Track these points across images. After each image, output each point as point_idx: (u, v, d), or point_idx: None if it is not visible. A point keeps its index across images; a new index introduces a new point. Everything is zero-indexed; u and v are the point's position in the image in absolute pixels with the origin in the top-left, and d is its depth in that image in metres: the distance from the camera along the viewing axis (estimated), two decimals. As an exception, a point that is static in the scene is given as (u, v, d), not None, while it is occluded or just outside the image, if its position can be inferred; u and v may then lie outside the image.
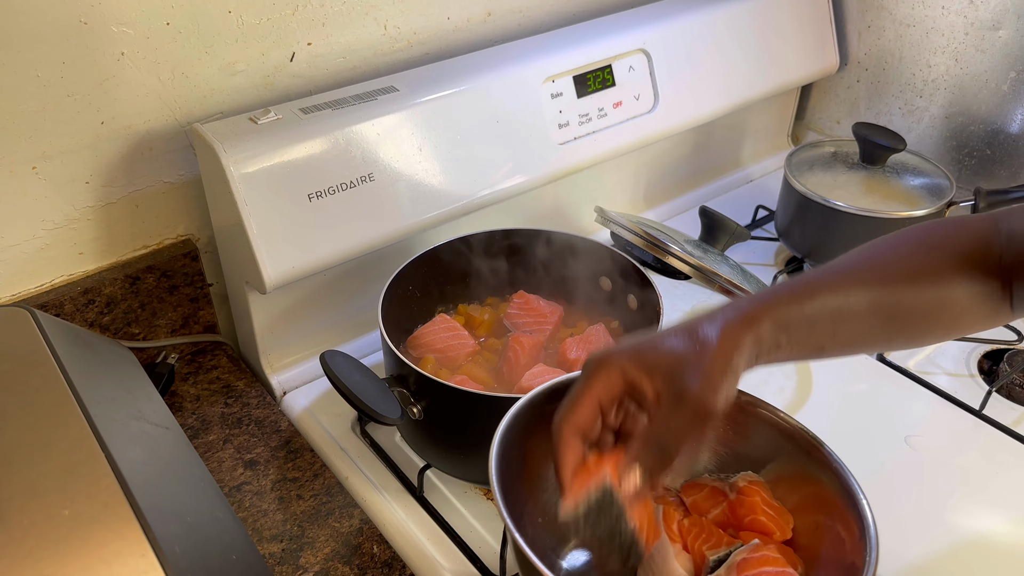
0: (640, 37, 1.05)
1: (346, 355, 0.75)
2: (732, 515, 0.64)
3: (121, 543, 0.41)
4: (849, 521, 0.58)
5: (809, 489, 0.62)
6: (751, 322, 0.54)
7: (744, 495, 0.64)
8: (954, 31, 1.15)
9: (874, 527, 0.56)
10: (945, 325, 0.63)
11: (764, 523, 0.62)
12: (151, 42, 0.81)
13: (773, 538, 0.62)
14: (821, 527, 0.61)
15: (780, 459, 0.64)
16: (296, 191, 0.82)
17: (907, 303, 0.60)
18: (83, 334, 0.61)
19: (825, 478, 0.61)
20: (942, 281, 0.61)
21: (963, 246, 0.62)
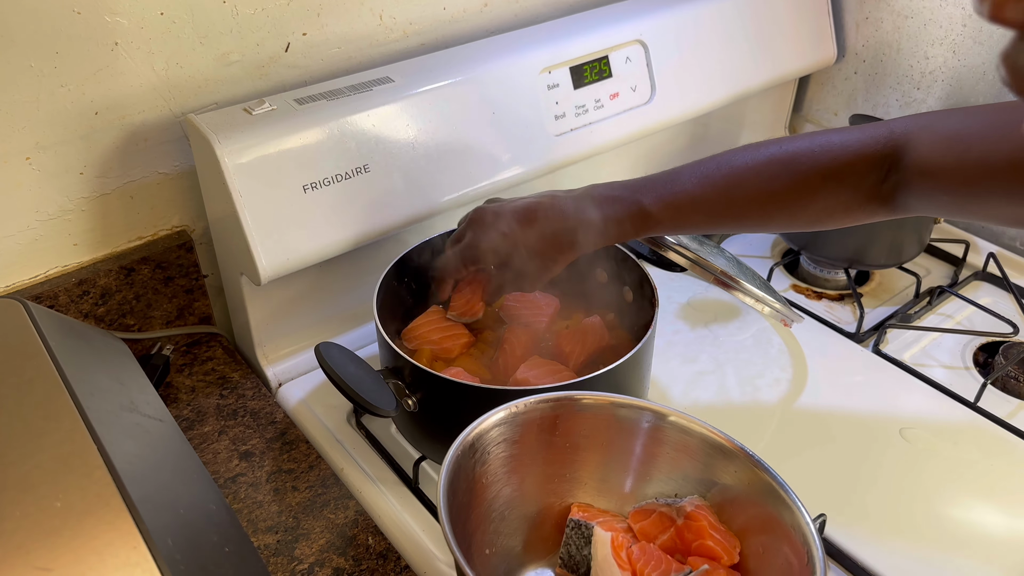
0: (637, 28, 1.05)
1: (341, 347, 0.75)
2: (680, 540, 0.64)
3: (113, 535, 0.41)
4: (795, 543, 0.57)
5: (755, 511, 0.62)
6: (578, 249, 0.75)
7: (691, 519, 0.63)
8: (952, 22, 1.15)
9: (821, 550, 0.55)
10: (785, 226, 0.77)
11: (711, 547, 0.61)
12: (145, 32, 0.81)
13: (721, 562, 0.61)
14: (768, 549, 0.60)
15: (724, 481, 0.64)
16: (291, 182, 0.82)
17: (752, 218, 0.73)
18: (76, 325, 0.61)
19: (769, 499, 0.61)
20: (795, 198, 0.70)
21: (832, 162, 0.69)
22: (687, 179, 0.73)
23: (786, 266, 1.12)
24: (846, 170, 0.67)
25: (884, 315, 1.02)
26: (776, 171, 0.69)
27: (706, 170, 0.73)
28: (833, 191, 0.68)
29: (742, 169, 0.70)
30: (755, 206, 0.71)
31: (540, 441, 0.66)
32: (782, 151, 0.70)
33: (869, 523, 0.76)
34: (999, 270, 1.07)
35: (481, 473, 0.63)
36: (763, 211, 0.71)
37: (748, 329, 0.99)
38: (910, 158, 0.66)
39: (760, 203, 0.71)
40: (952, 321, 1.02)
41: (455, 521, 0.55)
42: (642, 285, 0.85)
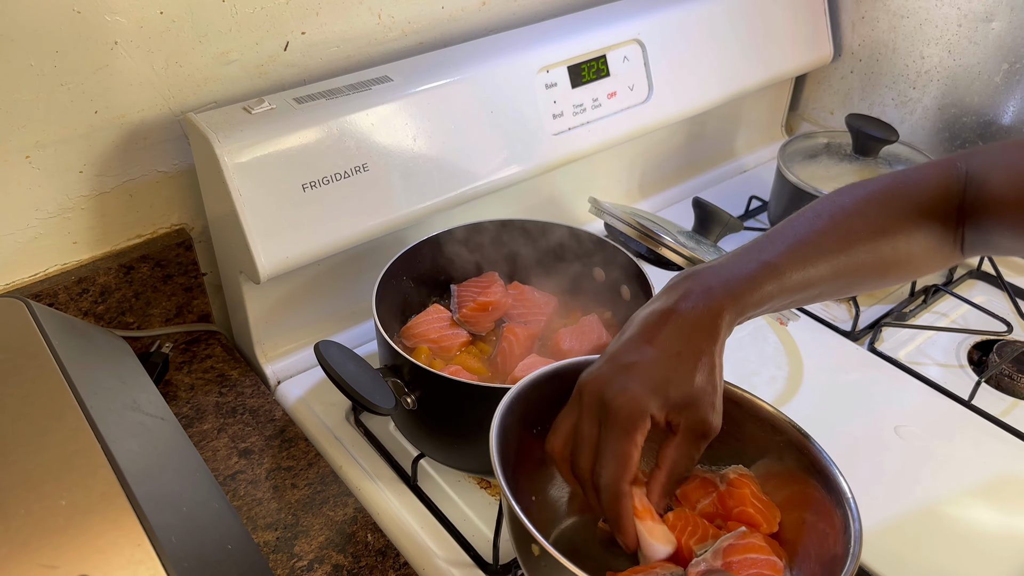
0: (634, 27, 1.05)
1: (340, 345, 0.75)
2: (721, 506, 0.65)
3: (118, 533, 0.42)
4: (833, 518, 0.58)
5: (797, 487, 0.63)
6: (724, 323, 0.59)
7: (734, 487, 0.64)
8: (947, 23, 1.15)
9: (859, 521, 0.56)
10: (899, 277, 0.69)
11: (752, 515, 0.62)
12: (144, 31, 0.81)
13: (760, 530, 0.62)
14: (806, 524, 0.61)
15: (770, 455, 0.65)
16: (290, 181, 0.82)
17: (868, 264, 0.65)
18: (78, 324, 0.61)
19: (813, 477, 0.61)
20: (901, 236, 0.66)
21: (923, 198, 0.67)
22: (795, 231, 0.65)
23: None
24: (937, 203, 0.66)
25: (879, 313, 1.03)
26: (876, 209, 0.65)
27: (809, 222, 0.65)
28: (929, 234, 0.66)
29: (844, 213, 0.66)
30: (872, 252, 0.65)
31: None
32: (873, 190, 0.67)
33: (864, 520, 0.76)
34: (993, 269, 1.07)
35: (532, 423, 0.63)
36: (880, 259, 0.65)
37: (744, 327, 1.00)
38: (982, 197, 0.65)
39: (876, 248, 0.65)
40: (947, 319, 1.02)
41: (505, 466, 0.56)
42: (639, 283, 0.85)
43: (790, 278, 0.61)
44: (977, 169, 0.66)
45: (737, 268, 0.61)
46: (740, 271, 0.61)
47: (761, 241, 0.65)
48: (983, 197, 0.65)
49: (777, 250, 0.63)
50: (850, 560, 0.54)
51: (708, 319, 0.58)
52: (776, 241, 0.64)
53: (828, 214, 0.65)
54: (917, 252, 0.66)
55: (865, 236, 0.64)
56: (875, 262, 0.65)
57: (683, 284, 0.61)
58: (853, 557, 0.54)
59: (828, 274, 0.63)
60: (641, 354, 0.57)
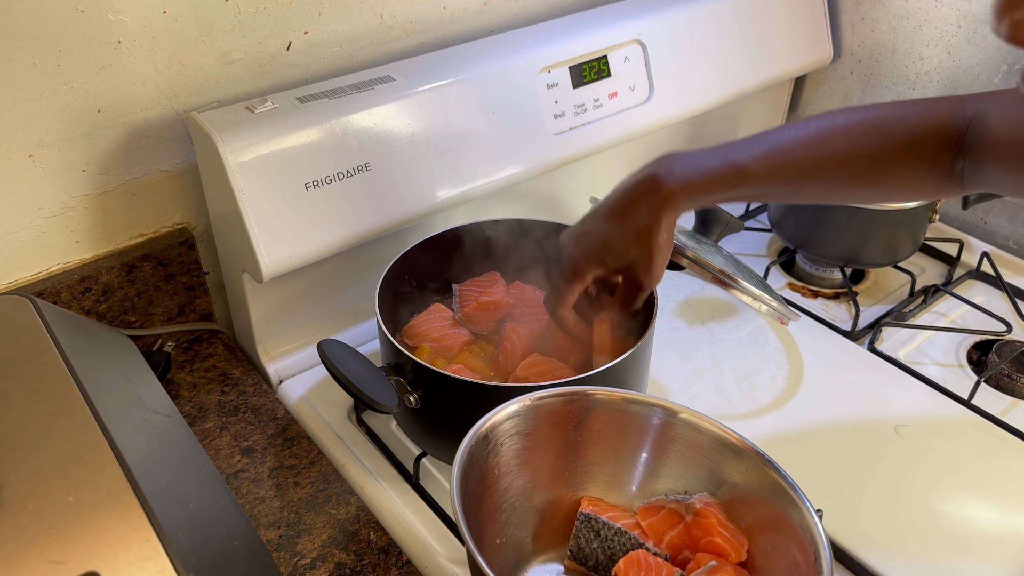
0: (635, 28, 1.05)
1: (343, 344, 0.75)
2: (689, 537, 0.65)
3: (125, 529, 0.42)
4: (803, 542, 0.58)
5: (764, 509, 0.63)
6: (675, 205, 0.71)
7: (701, 516, 0.64)
8: (947, 24, 1.16)
9: (828, 550, 0.56)
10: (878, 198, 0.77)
11: (720, 544, 0.62)
12: (148, 30, 0.81)
13: (729, 559, 0.62)
14: (776, 548, 0.61)
15: (734, 479, 0.65)
16: (293, 180, 0.82)
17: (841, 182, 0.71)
18: (83, 322, 0.62)
19: (778, 499, 0.61)
20: (885, 166, 0.69)
21: (921, 130, 0.71)
22: (776, 137, 0.71)
23: (782, 265, 1.13)
24: (931, 139, 0.68)
25: (879, 313, 1.04)
26: (866, 132, 0.69)
27: (795, 130, 0.71)
28: (917, 160, 0.68)
29: (832, 129, 0.70)
30: (845, 168, 0.70)
31: (553, 434, 0.67)
32: (870, 115, 0.70)
33: (864, 519, 0.77)
34: (992, 269, 1.08)
35: (494, 464, 0.64)
36: (852, 174, 0.70)
37: (745, 327, 1.00)
38: (981, 135, 0.67)
39: (850, 165, 0.69)
40: (946, 319, 1.03)
41: (467, 510, 0.56)
42: (641, 283, 0.86)
43: (752, 184, 0.70)
44: (982, 108, 0.68)
45: (704, 160, 0.71)
46: (705, 163, 0.71)
47: (742, 141, 0.72)
48: (982, 134, 0.67)
49: (749, 152, 0.70)
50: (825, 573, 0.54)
51: (656, 201, 0.71)
52: (754, 144, 0.71)
53: (815, 127, 0.70)
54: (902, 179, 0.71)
55: (844, 152, 0.69)
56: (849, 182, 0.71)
57: (654, 164, 0.73)
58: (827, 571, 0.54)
59: (795, 186, 0.71)
60: (594, 224, 0.75)
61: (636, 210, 0.72)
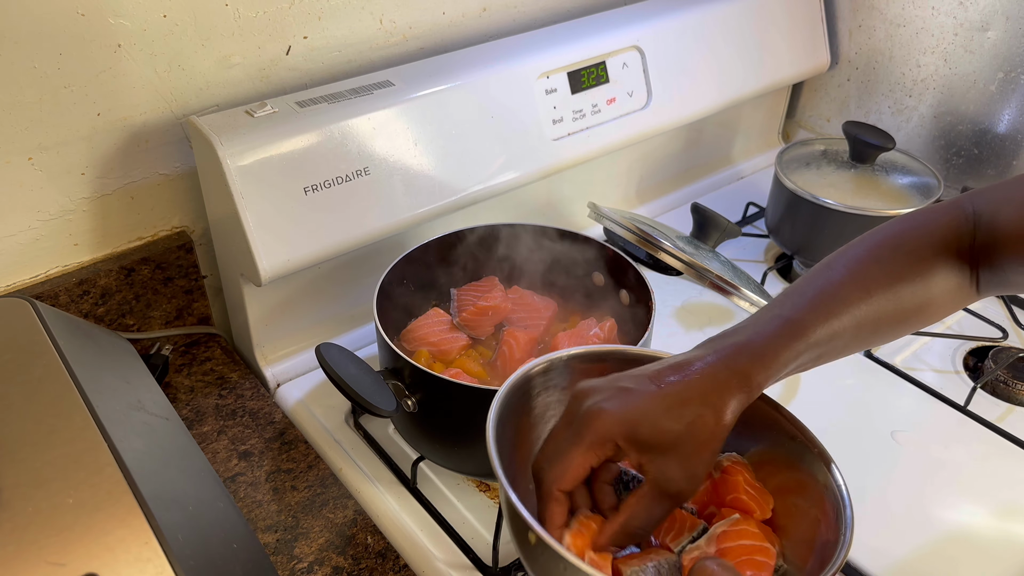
0: (634, 34, 1.06)
1: (341, 347, 0.75)
2: (715, 493, 0.65)
3: (125, 531, 0.42)
4: (825, 505, 0.59)
5: (790, 474, 0.63)
6: (746, 384, 0.55)
7: (727, 474, 0.65)
8: (944, 31, 1.16)
9: (850, 508, 0.57)
10: (921, 321, 0.67)
11: (745, 502, 0.63)
12: (148, 34, 0.82)
13: (753, 516, 0.63)
14: (799, 510, 0.62)
15: (764, 443, 0.66)
16: (292, 184, 0.82)
17: (889, 312, 0.63)
18: (83, 325, 0.62)
19: (806, 464, 0.62)
20: (919, 280, 0.65)
21: (937, 241, 0.66)
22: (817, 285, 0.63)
23: (779, 270, 1.13)
24: (951, 252, 0.65)
25: (876, 319, 1.04)
26: (890, 254, 0.65)
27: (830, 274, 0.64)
28: (946, 278, 0.65)
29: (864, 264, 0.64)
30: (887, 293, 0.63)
31: None
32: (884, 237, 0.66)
33: (861, 524, 0.77)
34: (989, 276, 1.08)
35: (527, 414, 0.64)
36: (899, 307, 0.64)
37: (742, 332, 1.00)
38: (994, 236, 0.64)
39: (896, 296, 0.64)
40: (942, 325, 1.03)
41: (502, 455, 0.56)
42: (638, 288, 0.86)
43: (815, 333, 0.59)
44: (985, 207, 0.65)
45: (762, 328, 0.59)
46: (766, 331, 0.58)
47: (780, 299, 0.63)
48: (995, 235, 0.64)
49: (798, 306, 0.61)
50: (842, 547, 0.55)
51: (735, 378, 0.55)
52: (795, 297, 0.62)
53: (843, 265, 0.64)
54: (936, 295, 0.65)
55: (884, 283, 0.63)
56: (896, 309, 0.64)
57: (711, 343, 0.58)
58: (845, 543, 0.55)
59: (851, 325, 0.61)
60: (639, 385, 0.55)
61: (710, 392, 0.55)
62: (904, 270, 0.64)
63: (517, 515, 0.52)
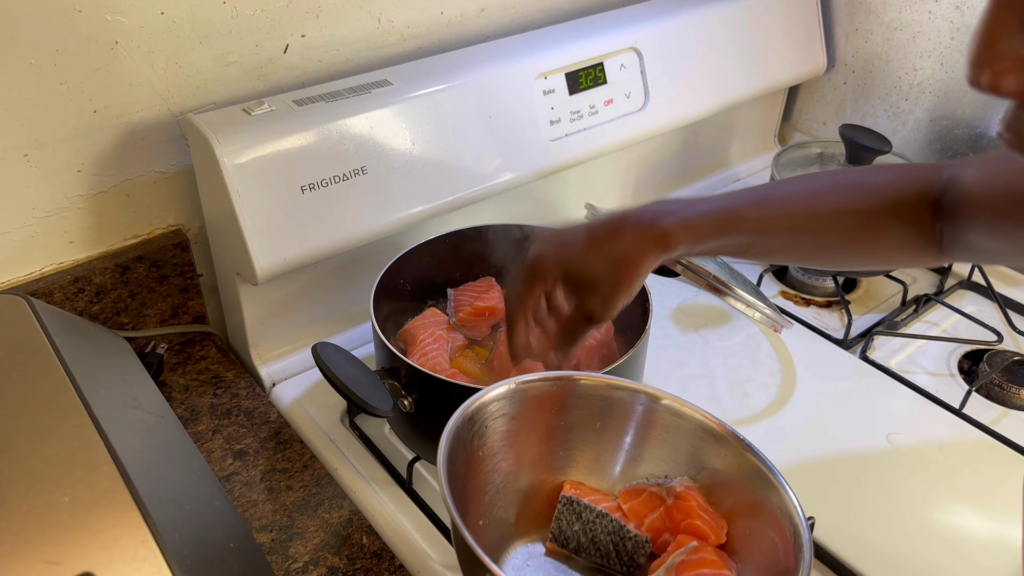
0: (632, 36, 1.06)
1: (338, 347, 0.75)
2: (669, 519, 0.65)
3: (121, 529, 0.42)
4: (781, 526, 0.59)
5: (744, 494, 0.63)
6: (666, 244, 0.65)
7: (680, 500, 0.65)
8: (940, 35, 1.17)
9: (807, 532, 0.56)
10: (866, 259, 0.73)
11: (699, 527, 0.63)
12: (145, 31, 0.81)
13: (708, 542, 0.63)
14: (754, 532, 0.62)
15: (714, 464, 0.66)
16: (289, 183, 0.82)
17: (831, 233, 0.69)
18: (79, 322, 0.61)
19: (757, 483, 0.62)
20: (869, 219, 0.68)
21: (902, 190, 0.69)
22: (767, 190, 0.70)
23: (775, 273, 1.13)
24: (912, 198, 0.68)
25: (871, 322, 1.04)
26: (851, 188, 0.69)
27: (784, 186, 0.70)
28: (900, 219, 0.68)
29: (819, 186, 0.70)
30: (832, 222, 0.68)
31: (538, 419, 0.68)
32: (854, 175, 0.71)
33: (855, 527, 0.77)
34: (984, 279, 1.09)
35: (479, 445, 0.64)
36: (839, 231, 0.69)
37: (738, 334, 1.01)
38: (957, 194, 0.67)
39: (837, 219, 0.68)
40: (938, 329, 1.03)
41: (453, 490, 0.56)
42: (635, 289, 0.86)
43: (745, 222, 0.67)
44: (957, 172, 0.68)
45: (697, 204, 0.68)
46: (700, 207, 0.67)
47: (732, 192, 0.70)
48: (960, 194, 0.67)
49: (740, 198, 0.68)
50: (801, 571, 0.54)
51: (648, 237, 0.65)
52: (743, 192, 0.69)
53: (804, 183, 0.70)
54: (886, 238, 0.70)
55: (831, 205, 0.68)
56: (838, 233, 0.69)
57: (648, 205, 0.68)
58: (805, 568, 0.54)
59: (784, 227, 0.68)
60: (574, 235, 0.68)
61: (624, 238, 0.66)
62: (857, 201, 0.69)
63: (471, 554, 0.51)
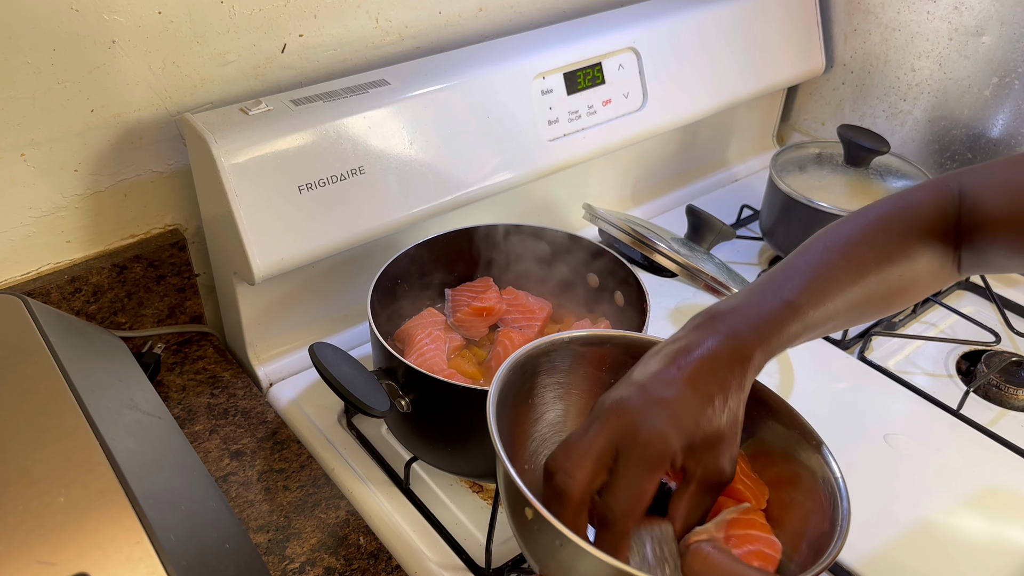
0: (630, 36, 1.06)
1: (335, 347, 0.75)
2: None
3: (116, 530, 0.41)
4: (820, 497, 0.59)
5: (786, 466, 0.63)
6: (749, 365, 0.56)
7: None
8: (938, 36, 1.17)
9: (847, 499, 0.56)
10: (905, 301, 0.69)
11: (741, 491, 0.63)
12: (142, 31, 0.81)
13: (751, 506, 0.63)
14: (794, 503, 0.62)
15: (761, 434, 0.66)
16: (286, 182, 0.82)
17: (879, 293, 0.65)
18: (75, 322, 0.61)
19: (802, 456, 0.62)
20: (906, 262, 0.66)
21: (923, 220, 0.67)
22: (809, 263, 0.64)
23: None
24: (939, 232, 0.66)
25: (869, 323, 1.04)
26: (883, 237, 0.66)
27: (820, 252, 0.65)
28: (928, 249, 0.66)
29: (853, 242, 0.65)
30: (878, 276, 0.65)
31: (587, 374, 0.67)
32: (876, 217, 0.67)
33: (853, 527, 0.77)
34: (982, 280, 1.09)
35: (527, 393, 0.64)
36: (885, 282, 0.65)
37: (736, 335, 1.00)
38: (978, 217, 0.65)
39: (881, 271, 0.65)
40: (936, 329, 1.03)
41: (501, 431, 0.56)
42: (633, 289, 0.86)
43: (811, 316, 0.60)
44: (970, 189, 0.67)
45: (761, 308, 0.59)
46: (764, 312, 0.59)
47: (777, 277, 0.63)
48: (977, 217, 0.65)
49: (795, 287, 0.62)
50: (837, 537, 0.54)
51: (739, 361, 0.56)
52: (792, 277, 0.63)
53: (838, 246, 0.65)
54: (921, 276, 0.67)
55: (875, 266, 0.64)
56: (884, 291, 0.65)
57: (710, 324, 0.58)
58: (841, 533, 0.54)
59: (843, 307, 0.63)
60: (675, 390, 0.54)
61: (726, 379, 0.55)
62: (894, 253, 0.66)
63: (515, 489, 0.51)
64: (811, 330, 0.61)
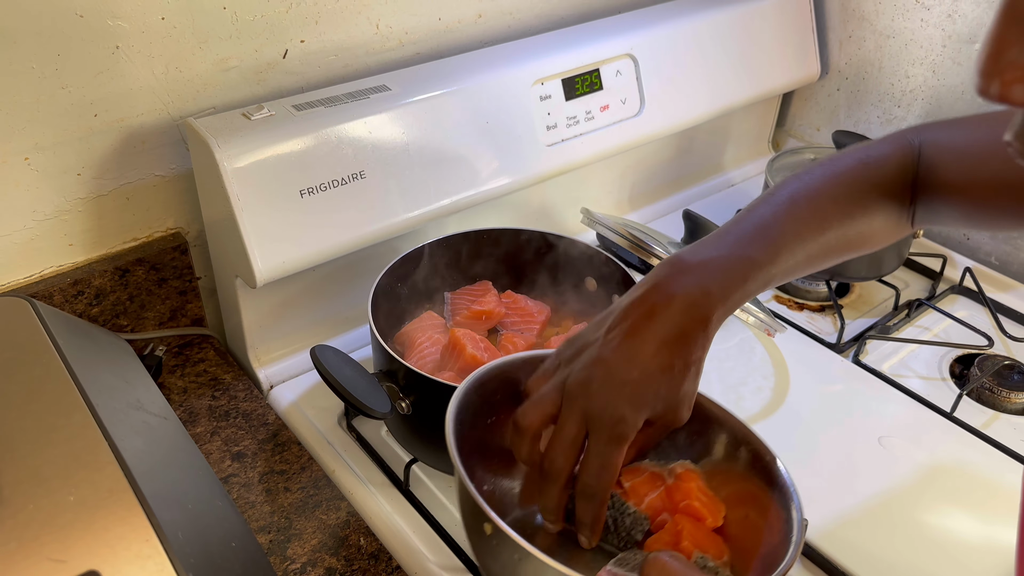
0: (627, 42, 1.07)
1: (336, 350, 0.76)
2: (668, 499, 0.66)
3: (125, 528, 0.42)
4: (776, 515, 0.60)
5: (741, 484, 0.64)
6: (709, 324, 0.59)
7: (681, 480, 0.66)
8: (932, 43, 1.18)
9: (800, 511, 0.57)
10: (859, 252, 0.71)
11: (698, 508, 0.64)
12: (146, 36, 0.82)
13: (706, 523, 0.64)
14: (749, 521, 0.63)
15: (716, 452, 0.67)
16: (288, 187, 0.83)
17: (837, 245, 0.68)
18: (81, 325, 0.62)
19: (757, 474, 0.63)
20: (865, 217, 0.69)
21: (885, 177, 0.69)
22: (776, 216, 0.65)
23: (769, 277, 1.14)
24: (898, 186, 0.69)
25: (864, 326, 1.05)
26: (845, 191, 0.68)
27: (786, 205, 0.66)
28: (886, 205, 0.69)
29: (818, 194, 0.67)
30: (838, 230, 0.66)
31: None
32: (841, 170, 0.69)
33: (847, 529, 0.78)
34: (975, 284, 1.10)
35: (488, 413, 0.65)
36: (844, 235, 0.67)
37: (732, 338, 1.01)
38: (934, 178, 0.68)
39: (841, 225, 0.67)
40: (929, 333, 1.04)
41: (460, 450, 0.56)
42: (631, 294, 0.87)
43: (771, 272, 0.63)
44: (928, 150, 0.69)
45: (727, 264, 0.61)
46: (729, 269, 0.61)
47: (744, 226, 0.65)
48: (934, 179, 0.68)
49: (760, 243, 0.64)
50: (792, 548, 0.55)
51: (701, 324, 0.58)
52: (759, 228, 0.65)
53: (805, 197, 0.67)
54: (877, 230, 0.70)
55: (835, 221, 0.67)
56: (841, 244, 0.68)
57: (677, 279, 0.60)
58: (795, 544, 0.55)
59: (803, 260, 0.66)
60: (638, 371, 0.57)
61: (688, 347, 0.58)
62: (855, 208, 0.68)
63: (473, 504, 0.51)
64: (769, 284, 0.64)
